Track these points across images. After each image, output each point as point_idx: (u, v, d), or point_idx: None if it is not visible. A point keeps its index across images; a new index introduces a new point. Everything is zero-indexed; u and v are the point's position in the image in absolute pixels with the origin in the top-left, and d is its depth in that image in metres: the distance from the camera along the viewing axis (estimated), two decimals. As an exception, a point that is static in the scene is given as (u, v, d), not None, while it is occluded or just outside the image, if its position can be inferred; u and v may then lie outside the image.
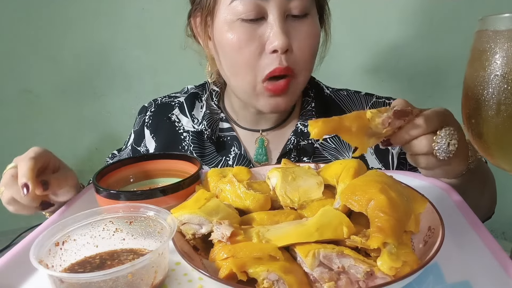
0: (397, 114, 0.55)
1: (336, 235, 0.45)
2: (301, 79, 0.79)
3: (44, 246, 0.46)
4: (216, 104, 0.92)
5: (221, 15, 0.75)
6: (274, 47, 0.72)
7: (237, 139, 0.89)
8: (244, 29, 0.73)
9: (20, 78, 1.63)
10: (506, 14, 0.41)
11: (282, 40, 0.71)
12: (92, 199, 0.63)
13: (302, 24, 0.75)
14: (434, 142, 0.56)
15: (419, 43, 1.43)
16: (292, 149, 0.86)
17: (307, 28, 0.75)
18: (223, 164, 0.88)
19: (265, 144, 0.88)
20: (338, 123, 0.54)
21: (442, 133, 0.56)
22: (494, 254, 0.48)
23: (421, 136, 0.57)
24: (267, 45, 0.73)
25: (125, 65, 1.60)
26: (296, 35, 0.74)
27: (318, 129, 0.53)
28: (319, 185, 0.55)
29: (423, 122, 0.56)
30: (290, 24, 0.74)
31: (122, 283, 0.42)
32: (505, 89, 0.41)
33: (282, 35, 0.71)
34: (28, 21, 1.57)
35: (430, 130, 0.56)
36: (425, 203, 0.51)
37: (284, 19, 0.73)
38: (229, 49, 0.75)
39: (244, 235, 0.46)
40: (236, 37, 0.73)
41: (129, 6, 1.55)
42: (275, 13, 0.72)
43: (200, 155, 0.88)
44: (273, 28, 0.72)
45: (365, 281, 0.41)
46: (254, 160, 0.88)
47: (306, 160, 0.86)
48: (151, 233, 0.51)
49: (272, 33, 0.72)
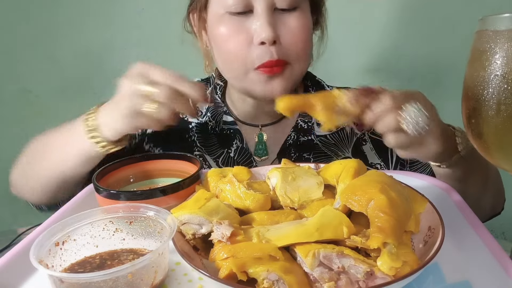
0: (363, 90, 0.57)
1: (336, 235, 0.45)
2: (297, 68, 0.79)
3: (44, 246, 0.46)
4: (220, 98, 0.93)
5: (213, 9, 0.78)
6: (261, 39, 0.73)
7: (239, 132, 0.89)
8: (232, 21, 0.75)
9: (19, 78, 1.63)
10: (506, 14, 0.41)
11: (268, 32, 0.72)
12: (92, 199, 0.63)
13: (291, 17, 0.76)
14: (401, 117, 0.57)
15: (419, 43, 1.43)
16: (291, 145, 0.87)
17: (296, 21, 0.76)
18: (224, 156, 0.88)
19: (264, 139, 0.89)
20: (304, 99, 0.56)
21: (409, 108, 0.56)
22: (494, 254, 0.48)
23: (387, 113, 0.57)
24: (255, 37, 0.74)
25: (125, 65, 1.60)
26: (285, 28, 0.75)
27: (283, 103, 0.54)
28: (319, 185, 0.55)
29: (388, 98, 0.57)
30: (278, 17, 0.75)
31: (122, 283, 0.42)
32: (505, 89, 0.41)
33: (268, 27, 0.72)
34: (28, 21, 1.57)
35: (396, 105, 0.57)
36: (425, 203, 0.51)
37: (272, 11, 0.75)
38: (220, 41, 0.78)
39: (244, 235, 0.46)
40: (225, 29, 0.76)
41: (129, 6, 1.55)
42: (262, 6, 0.73)
43: (204, 146, 0.89)
44: (259, 20, 0.73)
45: (365, 281, 0.41)
46: (254, 154, 0.89)
47: (306, 156, 0.87)
48: (151, 233, 0.51)
49: (258, 25, 0.74)
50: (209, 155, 0.89)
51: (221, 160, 0.88)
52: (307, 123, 0.88)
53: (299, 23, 0.76)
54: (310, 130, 0.88)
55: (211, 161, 0.88)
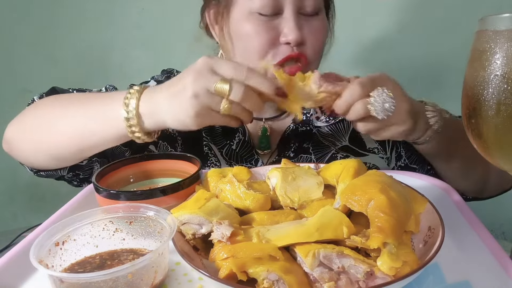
0: (327, 75, 0.62)
1: (336, 235, 0.45)
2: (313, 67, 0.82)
3: (44, 246, 0.46)
4: None
5: (239, 8, 0.80)
6: (287, 40, 0.77)
7: (243, 125, 0.89)
8: (259, 21, 0.78)
9: (19, 78, 1.63)
10: (506, 14, 0.41)
11: (296, 34, 0.76)
12: (92, 199, 0.63)
13: (314, 21, 0.80)
14: (368, 104, 0.60)
15: (419, 43, 1.43)
16: (290, 135, 0.88)
17: (319, 24, 0.81)
18: (227, 148, 0.89)
19: (267, 132, 0.90)
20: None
21: (375, 93, 0.60)
22: (494, 254, 0.48)
23: (356, 102, 0.61)
24: (281, 37, 0.78)
25: (125, 65, 1.60)
26: (309, 31, 0.79)
27: None
28: (319, 185, 0.55)
29: (356, 86, 0.60)
30: (303, 20, 0.79)
31: (122, 283, 0.42)
32: (505, 89, 0.41)
33: (297, 30, 0.76)
34: (28, 21, 1.57)
35: (364, 93, 0.60)
36: (425, 203, 0.51)
37: (298, 15, 0.78)
38: (245, 37, 0.80)
39: (244, 235, 0.46)
40: (252, 27, 0.78)
41: (129, 6, 1.55)
42: (290, 9, 0.77)
43: (209, 135, 0.89)
44: (288, 23, 0.77)
45: (365, 281, 0.41)
46: (257, 147, 0.89)
47: (305, 145, 0.88)
48: (151, 233, 0.51)
49: (287, 27, 0.77)
50: (214, 144, 0.89)
51: (225, 151, 0.89)
52: (306, 114, 0.90)
53: (321, 26, 0.82)
54: (309, 121, 0.90)
55: (216, 151, 0.89)
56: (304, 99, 0.63)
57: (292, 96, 0.63)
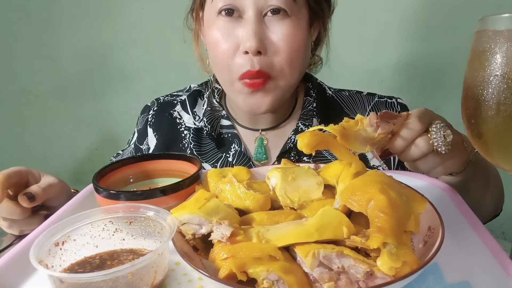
0: (383, 115, 0.55)
1: (336, 235, 0.45)
2: (282, 83, 0.76)
3: (44, 246, 0.46)
4: (218, 102, 0.92)
5: (207, 11, 0.77)
6: (245, 48, 0.71)
7: (237, 136, 0.89)
8: (223, 25, 0.73)
9: (19, 78, 1.63)
10: (506, 14, 0.41)
11: (252, 41, 0.69)
12: (92, 199, 0.63)
13: (281, 25, 0.72)
14: (430, 139, 0.56)
15: (419, 43, 1.43)
16: (292, 148, 0.86)
17: (286, 29, 0.72)
18: (223, 161, 0.87)
19: (264, 143, 0.88)
20: (324, 137, 0.53)
21: (434, 127, 0.56)
22: (494, 254, 0.48)
23: (416, 139, 0.56)
24: (241, 45, 0.72)
25: (125, 65, 1.60)
26: (273, 37, 0.72)
27: (304, 140, 0.52)
28: (319, 185, 0.55)
29: (415, 122, 0.55)
30: (267, 25, 0.72)
31: (122, 283, 0.42)
32: (505, 89, 0.41)
33: (254, 37, 0.70)
34: (28, 21, 1.57)
35: (423, 129, 0.56)
36: (425, 203, 0.51)
37: (261, 18, 0.72)
38: (210, 45, 0.77)
39: (244, 235, 0.46)
40: (215, 33, 0.74)
41: (129, 6, 1.55)
42: (251, 11, 0.70)
43: (200, 153, 0.88)
44: (246, 28, 0.71)
45: (365, 281, 0.41)
46: (254, 158, 0.88)
47: (306, 159, 0.86)
48: (151, 233, 0.51)
49: (244, 33, 0.71)
50: (206, 162, 0.88)
51: (219, 165, 0.87)
52: (308, 126, 0.87)
53: (290, 32, 0.71)
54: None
55: (209, 167, 0.87)
56: (361, 145, 0.55)
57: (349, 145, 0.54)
